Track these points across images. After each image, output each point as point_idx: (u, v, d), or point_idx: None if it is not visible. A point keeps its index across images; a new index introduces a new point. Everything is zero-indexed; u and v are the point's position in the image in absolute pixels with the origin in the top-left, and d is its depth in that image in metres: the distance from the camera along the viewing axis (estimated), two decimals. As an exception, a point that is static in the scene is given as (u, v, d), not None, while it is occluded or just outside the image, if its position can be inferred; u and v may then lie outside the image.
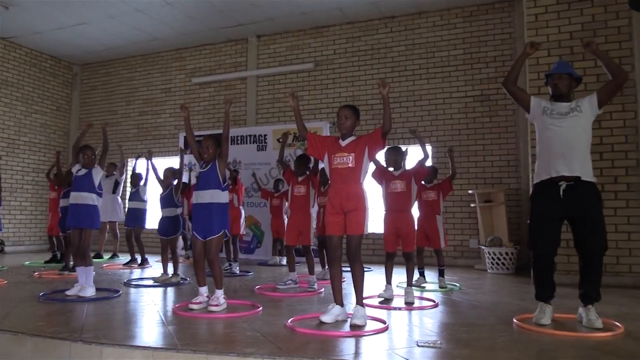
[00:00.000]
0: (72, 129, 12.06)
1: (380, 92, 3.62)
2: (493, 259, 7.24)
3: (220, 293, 4.16)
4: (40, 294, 4.73)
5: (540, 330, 3.40)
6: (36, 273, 6.54)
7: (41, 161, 11.15)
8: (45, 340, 3.05)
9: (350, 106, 3.85)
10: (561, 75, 3.71)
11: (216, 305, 4.04)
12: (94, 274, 5.09)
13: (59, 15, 9.31)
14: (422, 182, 5.74)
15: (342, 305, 3.69)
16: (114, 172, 8.60)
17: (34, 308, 4.12)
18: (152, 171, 6.48)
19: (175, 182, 6.09)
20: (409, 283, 4.74)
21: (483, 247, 7.51)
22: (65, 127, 12.06)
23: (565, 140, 3.56)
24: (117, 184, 8.63)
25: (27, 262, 8.04)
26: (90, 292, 4.73)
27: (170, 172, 6.16)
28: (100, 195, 5.02)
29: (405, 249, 4.76)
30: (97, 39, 10.56)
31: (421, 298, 4.84)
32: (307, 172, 5.55)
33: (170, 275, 5.93)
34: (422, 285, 5.63)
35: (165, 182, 6.14)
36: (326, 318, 3.55)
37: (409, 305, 4.45)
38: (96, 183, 4.96)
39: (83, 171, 4.97)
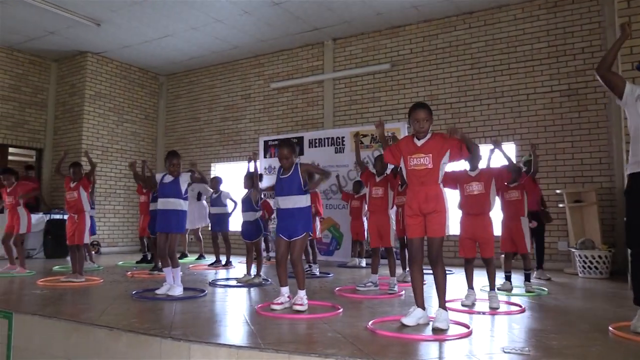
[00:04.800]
0: (159, 136, 12.73)
1: (452, 137, 3.55)
2: (585, 263, 6.83)
3: (302, 293, 4.20)
4: (133, 292, 5.01)
5: (639, 339, 3.15)
6: (129, 272, 6.94)
7: (132, 167, 11.78)
8: (138, 336, 3.23)
9: (425, 106, 3.70)
10: None
11: (301, 305, 4.09)
12: (181, 274, 5.32)
13: (145, 29, 9.85)
14: (505, 183, 5.53)
15: (423, 308, 3.62)
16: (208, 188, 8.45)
17: (127, 305, 4.37)
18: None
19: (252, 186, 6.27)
20: (492, 287, 4.55)
21: (573, 250, 7.11)
22: (153, 134, 12.73)
23: None
24: (200, 194, 8.83)
25: (120, 262, 8.55)
26: (178, 291, 4.95)
27: (248, 178, 6.36)
28: (186, 199, 5.24)
29: (484, 255, 4.54)
30: (180, 50, 11.07)
31: (507, 303, 4.65)
32: (386, 173, 5.50)
33: (252, 276, 6.08)
34: (508, 289, 5.40)
35: (245, 186, 6.34)
36: (408, 321, 3.50)
37: (494, 310, 4.29)
38: (183, 189, 5.18)
39: (170, 178, 5.19)
